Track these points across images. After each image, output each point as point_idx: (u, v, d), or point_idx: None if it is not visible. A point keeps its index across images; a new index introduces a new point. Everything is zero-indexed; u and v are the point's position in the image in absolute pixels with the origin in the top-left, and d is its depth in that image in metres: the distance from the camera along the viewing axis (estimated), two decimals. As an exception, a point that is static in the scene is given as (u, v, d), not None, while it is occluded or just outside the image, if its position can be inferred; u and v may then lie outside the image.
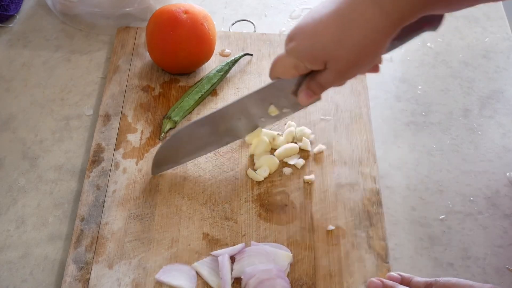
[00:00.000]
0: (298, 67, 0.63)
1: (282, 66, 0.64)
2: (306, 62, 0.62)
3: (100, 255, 0.64)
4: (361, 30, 0.58)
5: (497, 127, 0.79)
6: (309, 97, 0.66)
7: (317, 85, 0.64)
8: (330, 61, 0.60)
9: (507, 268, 0.67)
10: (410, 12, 0.57)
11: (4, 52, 0.84)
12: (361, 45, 0.59)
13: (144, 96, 0.78)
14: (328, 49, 0.60)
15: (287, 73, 0.64)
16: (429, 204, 0.72)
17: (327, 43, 0.59)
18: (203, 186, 0.70)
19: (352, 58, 0.60)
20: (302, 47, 0.61)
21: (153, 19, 0.77)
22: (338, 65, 0.61)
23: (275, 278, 0.61)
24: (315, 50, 0.60)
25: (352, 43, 0.58)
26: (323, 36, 0.59)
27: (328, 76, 0.62)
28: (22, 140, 0.75)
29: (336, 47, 0.59)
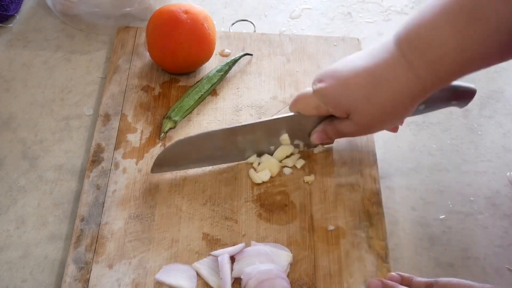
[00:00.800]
0: (319, 109, 0.63)
1: (305, 103, 0.65)
2: (330, 107, 0.62)
3: (100, 255, 0.64)
4: (391, 91, 0.58)
5: (497, 127, 0.79)
6: (321, 139, 0.67)
7: (333, 131, 0.65)
8: (354, 113, 0.61)
9: (507, 268, 0.67)
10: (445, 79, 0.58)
11: (4, 52, 0.84)
12: (389, 105, 0.59)
13: (144, 96, 0.78)
14: (355, 101, 0.60)
15: (308, 111, 0.65)
16: (429, 204, 0.72)
17: (355, 95, 0.60)
18: (203, 186, 0.70)
19: (377, 116, 0.60)
20: (329, 92, 0.61)
21: (153, 19, 0.77)
22: (361, 119, 0.61)
23: (275, 278, 0.61)
24: (342, 99, 0.61)
25: (380, 102, 0.59)
26: (353, 87, 0.60)
27: (348, 126, 0.63)
28: (22, 140, 0.75)
29: (363, 101, 0.60)
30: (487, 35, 0.54)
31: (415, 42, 0.57)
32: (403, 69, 0.58)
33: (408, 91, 0.58)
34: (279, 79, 0.80)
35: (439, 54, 0.56)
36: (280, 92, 0.79)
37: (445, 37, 0.55)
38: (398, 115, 0.61)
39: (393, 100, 0.59)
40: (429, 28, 0.56)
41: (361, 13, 0.91)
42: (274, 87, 0.79)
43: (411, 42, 0.58)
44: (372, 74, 0.59)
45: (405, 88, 0.58)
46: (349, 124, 0.63)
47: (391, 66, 0.58)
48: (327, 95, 0.62)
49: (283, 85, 0.79)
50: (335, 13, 0.91)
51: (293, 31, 0.89)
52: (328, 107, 0.63)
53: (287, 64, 0.82)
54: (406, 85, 0.58)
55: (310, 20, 0.90)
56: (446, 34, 0.55)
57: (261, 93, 0.78)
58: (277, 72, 0.81)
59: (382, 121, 0.62)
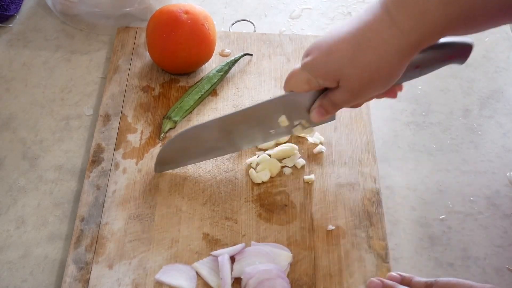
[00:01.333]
0: (310, 83, 0.62)
1: (296, 80, 0.63)
2: (319, 78, 0.61)
3: (100, 255, 0.64)
4: (376, 50, 0.57)
5: (497, 127, 0.79)
6: (321, 115, 0.65)
7: (329, 103, 0.63)
8: (342, 79, 0.60)
9: (507, 268, 0.67)
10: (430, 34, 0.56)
11: (4, 52, 0.84)
12: (375, 66, 0.57)
13: (144, 96, 0.78)
14: (341, 67, 0.59)
15: (300, 87, 0.63)
16: (429, 204, 0.72)
17: (340, 61, 0.58)
18: (203, 186, 0.70)
19: (365, 78, 0.59)
20: (316, 63, 0.60)
21: (153, 19, 0.77)
22: (350, 84, 0.60)
23: (275, 278, 0.61)
24: (328, 67, 0.60)
25: (366, 63, 0.57)
26: (337, 53, 0.58)
27: (340, 94, 0.61)
28: (22, 140, 0.75)
29: (349, 66, 0.58)
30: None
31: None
32: (387, 26, 0.56)
33: (393, 48, 0.56)
34: (279, 79, 0.80)
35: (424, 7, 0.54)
36: (280, 92, 0.78)
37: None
38: (386, 75, 0.59)
39: (378, 59, 0.57)
40: None
41: (361, 13, 0.91)
42: (274, 87, 0.79)
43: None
44: (356, 37, 0.57)
45: (389, 45, 0.56)
46: (341, 93, 0.61)
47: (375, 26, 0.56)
48: (314, 67, 0.61)
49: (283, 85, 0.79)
50: (335, 13, 0.91)
51: (293, 31, 0.89)
52: (318, 79, 0.61)
53: (287, 64, 0.82)
54: (391, 42, 0.56)
55: (310, 20, 0.90)
56: None
57: (261, 93, 0.78)
58: (277, 72, 0.81)
59: (371, 83, 0.59)
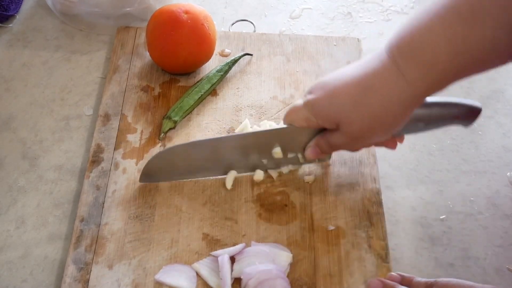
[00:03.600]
0: (309, 121, 0.62)
1: (296, 116, 0.63)
2: (319, 118, 0.61)
3: (100, 255, 0.64)
4: (379, 98, 0.56)
5: (497, 127, 0.79)
6: (315, 154, 0.65)
7: (326, 144, 0.63)
8: (342, 123, 0.59)
9: (507, 268, 0.67)
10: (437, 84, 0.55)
11: (4, 52, 0.84)
12: (377, 113, 0.57)
13: (144, 96, 0.78)
14: (342, 111, 0.58)
15: (298, 123, 0.64)
16: (429, 204, 0.72)
17: (342, 105, 0.58)
18: (203, 186, 0.70)
19: (366, 125, 0.58)
20: (317, 103, 0.60)
21: (153, 19, 0.77)
22: (350, 129, 0.59)
23: (275, 278, 0.61)
24: (329, 109, 0.59)
25: (368, 110, 0.57)
26: (341, 97, 0.58)
27: (338, 137, 0.61)
28: (22, 140, 0.75)
29: (351, 111, 0.58)
30: (482, 40, 0.52)
31: (407, 47, 0.55)
32: (393, 76, 0.55)
33: (398, 98, 0.56)
34: (279, 79, 0.80)
35: (432, 58, 0.54)
36: (280, 92, 0.79)
37: (439, 41, 0.53)
38: (388, 125, 0.59)
39: (382, 107, 0.57)
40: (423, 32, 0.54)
41: (361, 13, 0.91)
42: (274, 87, 0.79)
43: (403, 47, 0.55)
44: (361, 83, 0.57)
45: (394, 94, 0.56)
46: (339, 136, 0.61)
47: (380, 74, 0.56)
48: (315, 107, 0.61)
49: (283, 85, 0.79)
50: (335, 13, 0.91)
51: (293, 31, 0.89)
52: (317, 119, 0.61)
53: (287, 64, 0.82)
54: (396, 91, 0.56)
55: (310, 20, 0.90)
56: (440, 38, 0.53)
57: (261, 93, 0.78)
58: (277, 72, 0.81)
59: (372, 130, 0.59)
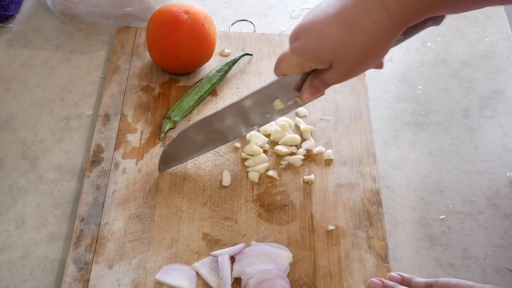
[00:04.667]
0: (303, 66, 0.63)
1: (287, 64, 0.64)
2: (312, 62, 0.62)
3: (100, 255, 0.64)
4: (366, 31, 0.58)
5: (497, 127, 0.79)
6: (312, 94, 0.66)
7: (320, 83, 0.64)
8: (335, 61, 0.61)
9: (507, 268, 0.67)
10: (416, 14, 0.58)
11: (4, 52, 0.84)
12: (367, 46, 0.59)
13: (144, 96, 0.78)
14: (333, 51, 0.60)
15: (292, 71, 0.65)
16: (429, 204, 0.72)
17: (333, 45, 0.60)
18: (203, 186, 0.70)
19: (358, 58, 0.60)
20: (308, 47, 0.61)
21: (153, 19, 0.77)
22: (343, 65, 0.61)
23: (275, 278, 0.61)
24: (321, 51, 0.61)
25: (358, 44, 0.59)
26: (329, 37, 0.59)
27: (332, 75, 0.63)
28: (22, 140, 0.75)
29: (341, 49, 0.60)
30: None
31: None
32: (373, 8, 0.57)
33: (382, 28, 0.58)
34: (279, 79, 0.80)
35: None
36: (280, 92, 0.78)
37: None
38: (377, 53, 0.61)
39: (369, 40, 0.59)
40: None
41: (361, 13, 0.91)
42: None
43: None
44: (344, 19, 0.59)
45: (378, 26, 0.58)
46: (334, 73, 0.63)
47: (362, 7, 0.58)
48: (306, 51, 0.62)
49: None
50: (335, 13, 0.91)
51: (293, 31, 0.89)
52: (310, 62, 0.62)
53: (287, 64, 0.81)
54: (379, 23, 0.58)
55: (310, 20, 0.90)
56: None
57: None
58: (277, 72, 0.81)
59: (363, 62, 0.61)
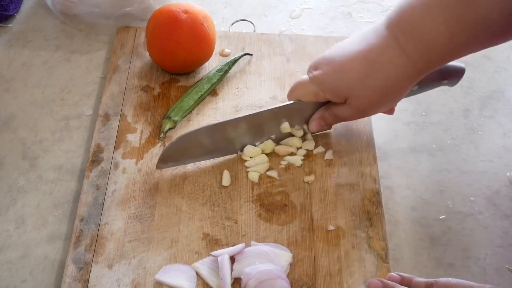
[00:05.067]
0: (318, 96, 0.65)
1: (303, 91, 0.66)
2: (328, 93, 0.64)
3: (100, 255, 0.64)
4: (386, 74, 0.60)
5: (497, 127, 0.79)
6: (319, 127, 0.69)
7: (331, 116, 0.66)
8: (351, 97, 0.63)
9: (507, 268, 0.67)
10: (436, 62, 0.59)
11: (4, 52, 0.84)
12: (385, 88, 0.61)
13: (143, 96, 0.78)
14: (351, 87, 0.62)
15: (306, 98, 0.67)
16: (429, 204, 0.71)
17: (351, 81, 0.61)
18: (203, 186, 0.70)
19: (374, 98, 0.62)
20: (326, 79, 0.63)
21: (153, 19, 0.77)
22: (358, 103, 0.63)
23: (275, 278, 0.61)
24: (338, 85, 0.62)
25: (376, 85, 0.60)
26: (349, 73, 0.61)
27: (346, 110, 0.64)
28: (22, 140, 0.75)
29: (360, 86, 0.61)
30: (477, 21, 0.55)
31: (407, 27, 0.58)
32: (396, 53, 0.59)
33: (402, 73, 0.59)
34: (279, 79, 0.80)
35: (431, 37, 0.57)
36: (280, 92, 0.78)
37: (436, 21, 0.56)
38: (393, 97, 0.63)
39: (388, 82, 0.60)
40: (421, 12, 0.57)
41: (361, 13, 0.91)
42: (274, 87, 0.79)
43: (403, 26, 0.59)
44: (366, 58, 0.60)
45: (399, 71, 0.59)
46: (347, 109, 0.64)
47: (384, 50, 0.60)
48: (324, 82, 0.64)
49: (283, 85, 0.79)
50: (335, 13, 0.91)
51: (293, 31, 0.89)
52: (326, 93, 0.64)
53: (287, 64, 0.81)
54: (400, 68, 0.59)
55: (310, 20, 0.90)
56: (437, 19, 0.56)
57: (261, 93, 0.78)
58: (277, 72, 0.81)
59: (379, 103, 0.63)
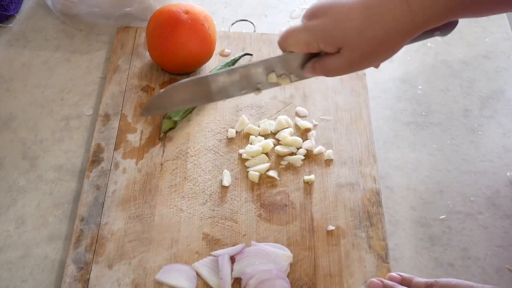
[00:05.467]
0: (309, 45, 0.62)
1: (294, 39, 0.63)
2: (321, 42, 0.61)
3: (100, 255, 0.64)
4: (384, 26, 0.58)
5: (497, 127, 0.79)
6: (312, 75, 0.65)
7: (322, 68, 0.63)
8: (345, 47, 0.60)
9: (507, 268, 0.67)
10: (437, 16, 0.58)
11: (4, 52, 0.84)
12: (381, 40, 0.59)
13: (144, 96, 0.78)
14: (347, 36, 0.59)
15: (297, 48, 0.63)
16: (429, 204, 0.71)
17: (348, 30, 0.59)
18: (203, 186, 0.70)
19: (368, 51, 0.60)
20: (322, 28, 0.60)
21: (153, 19, 0.77)
22: (352, 54, 0.60)
23: (275, 278, 0.61)
24: (334, 33, 0.60)
25: (373, 36, 0.59)
26: (346, 22, 0.59)
27: (338, 61, 0.61)
28: (22, 140, 0.75)
29: (356, 36, 0.59)
30: None
31: None
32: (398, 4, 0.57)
33: (400, 26, 0.58)
34: (279, 79, 0.80)
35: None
36: (280, 92, 0.78)
37: None
38: (388, 50, 0.61)
39: (385, 34, 0.59)
40: None
41: (361, 13, 0.91)
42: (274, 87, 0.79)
43: None
44: (367, 8, 0.59)
45: (397, 23, 0.58)
46: (338, 60, 0.61)
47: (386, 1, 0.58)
48: (319, 31, 0.61)
49: (283, 85, 0.79)
50: (335, 13, 0.91)
51: (293, 31, 0.89)
52: (320, 43, 0.61)
53: (287, 64, 0.81)
54: (399, 20, 0.58)
55: (310, 20, 0.90)
56: None
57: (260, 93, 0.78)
58: (277, 72, 0.81)
59: (371, 56, 0.61)
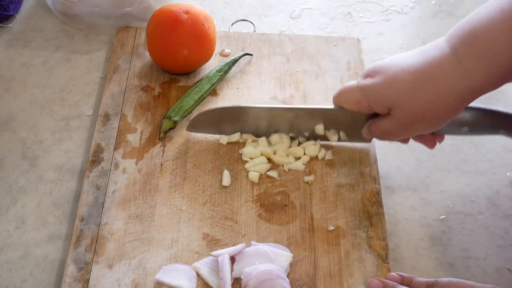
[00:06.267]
0: (360, 104, 0.63)
1: (347, 97, 0.65)
2: (373, 102, 0.62)
3: (100, 255, 0.64)
4: (436, 88, 0.57)
5: (498, 127, 0.78)
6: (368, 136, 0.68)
7: (376, 130, 0.64)
8: (395, 108, 0.60)
9: (507, 268, 0.67)
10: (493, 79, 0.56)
11: (4, 52, 0.84)
12: (431, 103, 0.58)
13: (143, 96, 0.78)
14: (397, 96, 0.59)
15: (348, 105, 0.65)
16: (429, 204, 0.71)
17: (400, 91, 0.59)
18: (203, 186, 0.70)
19: (418, 113, 0.59)
20: (375, 88, 0.61)
21: (153, 19, 0.77)
22: (401, 115, 0.60)
23: (275, 278, 0.61)
24: (386, 94, 0.60)
25: (424, 97, 0.58)
26: (400, 83, 0.59)
27: (389, 123, 0.62)
28: (22, 140, 0.75)
29: (406, 97, 0.59)
30: None
31: (468, 37, 0.56)
32: (451, 65, 0.56)
33: (454, 89, 0.57)
34: (279, 79, 0.80)
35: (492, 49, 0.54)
36: (280, 92, 0.79)
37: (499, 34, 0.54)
38: (440, 114, 0.59)
39: (437, 97, 0.57)
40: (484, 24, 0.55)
41: (361, 13, 0.91)
42: (274, 87, 0.79)
43: (464, 37, 0.56)
44: (419, 70, 0.58)
45: (451, 85, 0.57)
46: (390, 121, 0.62)
47: (439, 62, 0.57)
48: (370, 91, 0.62)
49: (283, 85, 0.79)
50: (335, 13, 0.91)
51: (293, 31, 0.89)
52: (370, 103, 0.62)
53: (287, 64, 0.82)
54: (453, 82, 0.56)
55: (310, 20, 0.90)
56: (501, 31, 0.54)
57: (261, 93, 0.78)
58: (277, 72, 0.81)
59: (423, 119, 0.59)
